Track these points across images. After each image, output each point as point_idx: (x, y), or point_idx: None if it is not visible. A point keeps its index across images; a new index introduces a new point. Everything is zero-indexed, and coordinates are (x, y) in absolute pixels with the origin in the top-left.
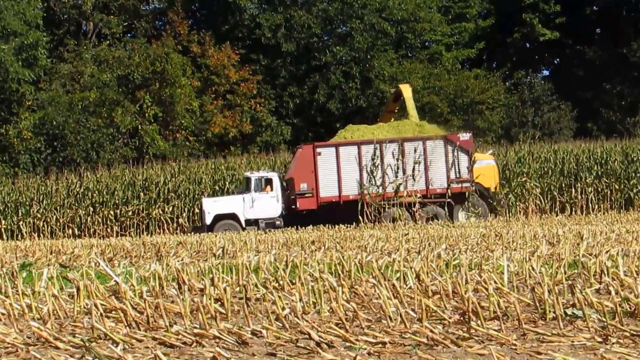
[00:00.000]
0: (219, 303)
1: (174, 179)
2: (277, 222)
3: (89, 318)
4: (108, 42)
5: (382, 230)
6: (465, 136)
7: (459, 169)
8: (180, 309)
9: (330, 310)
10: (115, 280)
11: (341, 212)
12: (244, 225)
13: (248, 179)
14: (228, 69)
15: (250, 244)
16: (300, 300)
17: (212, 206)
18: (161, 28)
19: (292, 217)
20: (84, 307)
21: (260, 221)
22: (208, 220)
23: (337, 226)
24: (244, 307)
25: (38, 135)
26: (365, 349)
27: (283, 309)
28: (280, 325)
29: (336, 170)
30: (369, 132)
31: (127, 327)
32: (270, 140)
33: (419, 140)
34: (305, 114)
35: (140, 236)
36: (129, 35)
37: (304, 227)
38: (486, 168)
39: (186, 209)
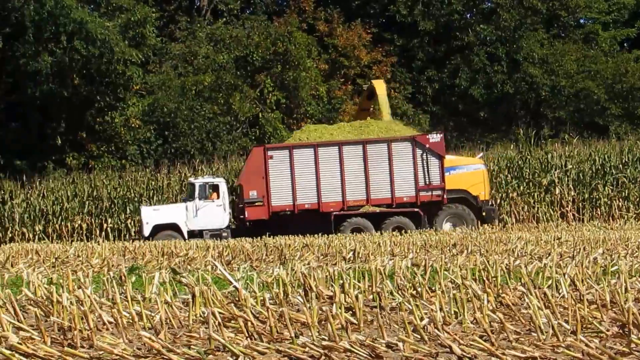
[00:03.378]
0: (350, 312)
1: None
2: (224, 234)
3: (206, 328)
4: (224, 19)
5: (531, 232)
6: (435, 137)
7: (428, 175)
8: (306, 318)
9: (474, 321)
10: (234, 286)
11: (296, 223)
12: (186, 237)
13: (192, 186)
14: (359, 50)
15: (384, 247)
16: (441, 309)
17: (151, 215)
18: (284, 4)
19: (243, 228)
20: (200, 316)
21: (205, 232)
22: (146, 231)
23: (481, 227)
24: (377, 316)
25: (147, 124)
26: None
27: (421, 319)
28: (418, 337)
29: (290, 175)
30: (328, 132)
31: (248, 338)
32: None
33: (384, 142)
34: (445, 100)
35: (261, 237)
36: (247, 11)
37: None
38: (474, 174)
39: None
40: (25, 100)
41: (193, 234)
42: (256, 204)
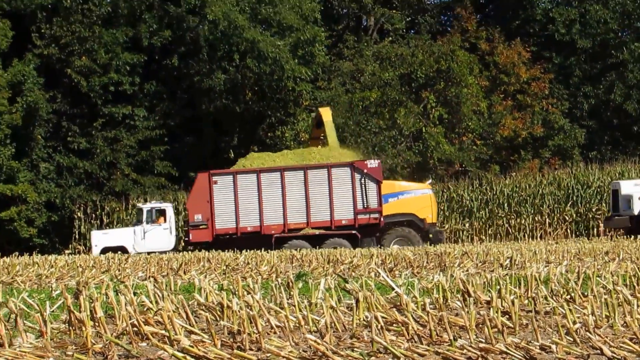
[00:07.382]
0: (506, 316)
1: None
2: None
3: (369, 331)
4: (390, 38)
5: None
6: (373, 163)
7: (366, 199)
8: (465, 322)
9: (624, 324)
10: (396, 292)
11: (239, 245)
12: None
13: (140, 210)
14: (518, 67)
15: (540, 255)
16: (592, 313)
17: (100, 238)
18: (447, 24)
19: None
20: (363, 320)
21: (152, 255)
22: (95, 253)
23: (632, 236)
24: (532, 320)
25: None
26: None
27: (574, 322)
28: (571, 339)
29: (234, 200)
30: (271, 159)
31: (409, 341)
32: (563, 144)
33: (324, 168)
34: (601, 115)
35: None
36: (411, 31)
37: None
38: (422, 198)
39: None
40: (199, 116)
41: None
42: (200, 227)
